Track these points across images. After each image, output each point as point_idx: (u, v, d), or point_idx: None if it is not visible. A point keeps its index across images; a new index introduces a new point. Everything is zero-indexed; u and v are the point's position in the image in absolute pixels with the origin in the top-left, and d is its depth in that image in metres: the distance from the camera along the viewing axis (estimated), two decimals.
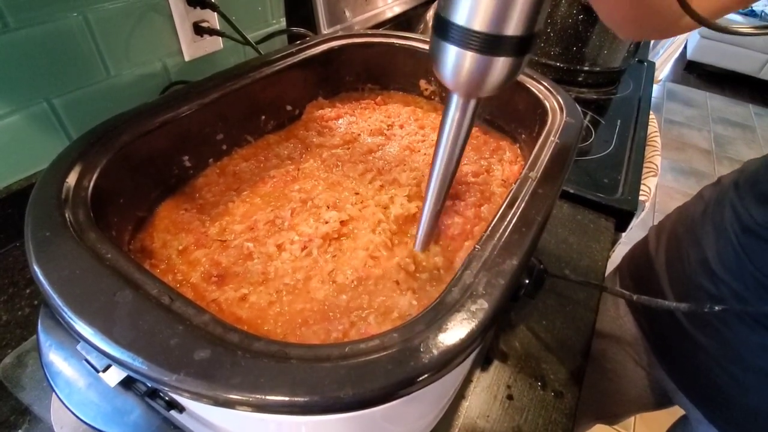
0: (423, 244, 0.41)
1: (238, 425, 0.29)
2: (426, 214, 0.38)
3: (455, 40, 0.25)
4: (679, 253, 0.59)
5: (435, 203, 0.37)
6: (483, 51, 0.24)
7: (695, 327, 0.55)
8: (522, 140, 0.58)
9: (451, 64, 0.26)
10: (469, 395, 0.48)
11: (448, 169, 0.34)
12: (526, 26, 0.24)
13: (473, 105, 0.30)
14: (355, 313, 0.35)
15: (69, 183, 0.33)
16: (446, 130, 0.32)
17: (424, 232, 0.40)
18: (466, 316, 0.26)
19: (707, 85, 3.87)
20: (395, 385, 0.22)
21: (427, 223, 0.39)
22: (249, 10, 0.76)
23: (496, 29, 0.23)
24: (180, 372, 0.22)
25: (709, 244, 0.54)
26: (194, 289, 0.36)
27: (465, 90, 0.28)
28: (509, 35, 0.24)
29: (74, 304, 0.25)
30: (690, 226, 0.59)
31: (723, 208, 0.54)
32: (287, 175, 0.50)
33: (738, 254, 0.50)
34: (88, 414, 0.28)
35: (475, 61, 0.25)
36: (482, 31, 0.23)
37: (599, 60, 1.12)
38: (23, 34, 0.50)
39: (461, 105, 0.30)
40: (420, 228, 0.40)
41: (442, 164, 0.34)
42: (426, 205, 0.37)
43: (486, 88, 0.27)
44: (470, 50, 0.24)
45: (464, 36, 0.24)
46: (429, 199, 0.37)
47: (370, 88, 0.68)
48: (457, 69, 0.26)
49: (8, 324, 0.47)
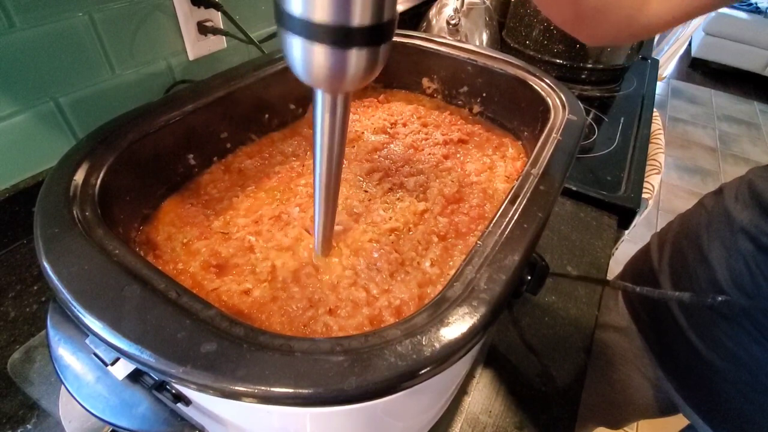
0: (323, 249, 0.39)
1: (244, 417, 0.30)
2: (318, 218, 0.35)
3: (299, 31, 0.22)
4: (686, 270, 0.58)
5: (324, 206, 0.34)
6: (331, 43, 0.22)
7: (704, 344, 0.54)
8: (524, 137, 0.58)
9: (300, 59, 0.23)
10: (472, 391, 0.48)
11: (330, 171, 0.31)
12: (373, 14, 0.21)
13: (342, 100, 0.27)
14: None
15: (77, 181, 0.34)
16: (319, 130, 0.29)
17: (320, 236, 0.37)
18: (467, 310, 0.26)
19: (712, 82, 3.85)
20: (397, 378, 0.23)
21: (321, 226, 0.36)
22: (253, 9, 0.77)
23: (340, 20, 0.21)
24: (187, 364, 0.22)
25: (719, 263, 0.53)
26: (192, 277, 0.37)
27: (326, 86, 0.25)
28: (356, 26, 0.21)
29: (83, 299, 0.25)
30: (694, 241, 0.58)
31: (733, 228, 0.52)
32: (292, 171, 0.51)
33: (753, 275, 0.49)
34: (97, 407, 0.29)
35: (326, 54, 0.22)
36: (325, 23, 0.21)
37: (602, 57, 1.12)
38: (30, 34, 0.50)
39: (329, 102, 0.27)
40: (315, 233, 0.37)
41: (323, 164, 0.31)
42: (316, 210, 0.35)
43: (347, 82, 0.24)
44: (317, 43, 0.22)
45: (307, 28, 0.21)
46: (317, 203, 0.34)
47: (372, 86, 0.68)
48: (309, 64, 0.23)
49: (16, 320, 0.48)
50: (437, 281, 0.39)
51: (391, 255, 0.40)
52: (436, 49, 0.63)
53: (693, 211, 0.63)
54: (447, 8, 1.08)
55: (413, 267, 0.40)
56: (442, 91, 0.66)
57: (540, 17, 1.10)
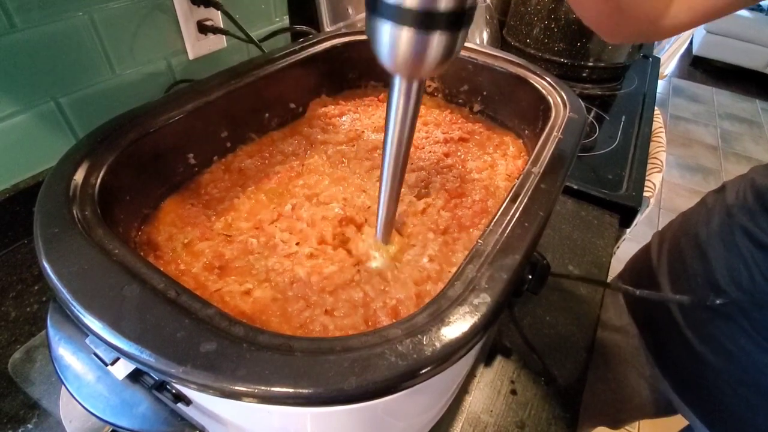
0: (384, 235, 0.40)
1: (244, 417, 0.30)
2: (382, 205, 0.37)
3: (389, 16, 0.25)
4: (684, 267, 0.58)
5: (390, 193, 0.36)
6: (417, 26, 0.24)
7: (701, 341, 0.54)
8: (525, 136, 0.58)
9: (387, 43, 0.26)
10: (473, 390, 0.48)
11: (399, 156, 0.34)
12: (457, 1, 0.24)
13: (416, 87, 0.30)
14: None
15: (76, 180, 0.34)
16: (392, 116, 0.32)
17: (383, 222, 0.39)
18: (468, 309, 0.26)
19: (714, 80, 3.84)
20: (398, 378, 0.23)
21: (385, 214, 0.38)
22: (252, 8, 0.77)
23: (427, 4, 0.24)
24: (186, 364, 0.22)
25: (717, 260, 0.53)
26: (195, 279, 0.37)
27: (406, 71, 0.28)
28: (441, 10, 0.24)
29: (83, 299, 0.25)
30: (694, 238, 0.58)
31: (733, 226, 0.52)
32: (292, 171, 0.50)
33: (752, 272, 0.49)
34: (97, 406, 0.29)
35: (411, 38, 0.25)
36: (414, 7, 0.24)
37: (604, 56, 1.12)
38: (30, 34, 0.50)
39: (405, 88, 0.30)
40: (378, 219, 0.39)
41: (392, 152, 0.33)
42: (381, 196, 0.36)
43: (426, 67, 0.27)
44: (405, 26, 0.25)
45: (397, 13, 0.24)
46: (383, 189, 0.36)
47: (373, 85, 0.68)
48: (395, 48, 0.26)
49: (17, 320, 0.48)
50: (438, 279, 0.39)
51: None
52: None
53: (694, 209, 0.63)
54: None
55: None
56: (442, 89, 0.66)
57: (540, 16, 1.10)
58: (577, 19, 1.05)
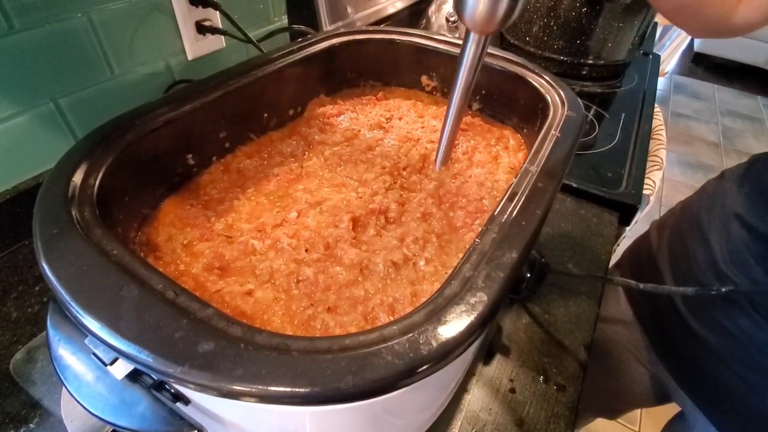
0: (442, 161, 0.50)
1: (243, 416, 0.30)
2: (446, 134, 0.46)
3: None
4: (685, 251, 0.58)
5: (454, 124, 0.45)
6: None
7: (700, 324, 0.55)
8: (524, 134, 0.58)
9: (471, 6, 0.35)
10: (472, 388, 0.48)
11: (465, 95, 0.43)
12: None
13: (484, 40, 0.39)
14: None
15: (75, 182, 0.34)
16: (465, 62, 0.41)
17: (444, 150, 0.48)
18: (465, 308, 0.26)
19: (715, 77, 3.82)
20: (395, 376, 0.23)
21: (447, 142, 0.47)
22: (251, 8, 0.77)
23: None
24: (185, 364, 0.22)
25: (718, 245, 0.53)
26: (195, 279, 0.37)
27: (480, 26, 0.37)
28: None
29: (82, 299, 0.25)
30: (695, 223, 0.58)
31: (731, 213, 0.53)
32: (291, 173, 0.50)
33: (752, 254, 0.49)
34: (97, 406, 0.29)
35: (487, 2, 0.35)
36: None
37: (603, 53, 1.11)
38: (29, 36, 0.50)
39: (476, 40, 0.39)
40: (440, 147, 0.48)
41: (460, 90, 0.42)
42: (446, 126, 0.46)
43: (494, 23, 0.36)
44: None
45: None
46: (449, 120, 0.45)
47: (371, 84, 0.68)
48: (474, 8, 0.35)
49: (18, 321, 0.48)
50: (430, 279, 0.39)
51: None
52: (435, 46, 0.62)
53: (695, 197, 0.63)
54: (446, 5, 1.07)
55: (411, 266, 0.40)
56: (441, 88, 0.66)
57: (540, 13, 1.09)
58: (576, 17, 1.05)
